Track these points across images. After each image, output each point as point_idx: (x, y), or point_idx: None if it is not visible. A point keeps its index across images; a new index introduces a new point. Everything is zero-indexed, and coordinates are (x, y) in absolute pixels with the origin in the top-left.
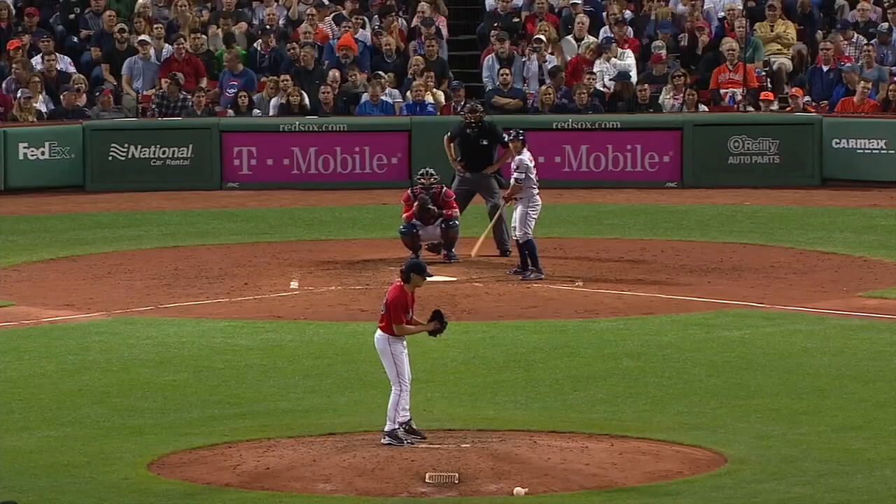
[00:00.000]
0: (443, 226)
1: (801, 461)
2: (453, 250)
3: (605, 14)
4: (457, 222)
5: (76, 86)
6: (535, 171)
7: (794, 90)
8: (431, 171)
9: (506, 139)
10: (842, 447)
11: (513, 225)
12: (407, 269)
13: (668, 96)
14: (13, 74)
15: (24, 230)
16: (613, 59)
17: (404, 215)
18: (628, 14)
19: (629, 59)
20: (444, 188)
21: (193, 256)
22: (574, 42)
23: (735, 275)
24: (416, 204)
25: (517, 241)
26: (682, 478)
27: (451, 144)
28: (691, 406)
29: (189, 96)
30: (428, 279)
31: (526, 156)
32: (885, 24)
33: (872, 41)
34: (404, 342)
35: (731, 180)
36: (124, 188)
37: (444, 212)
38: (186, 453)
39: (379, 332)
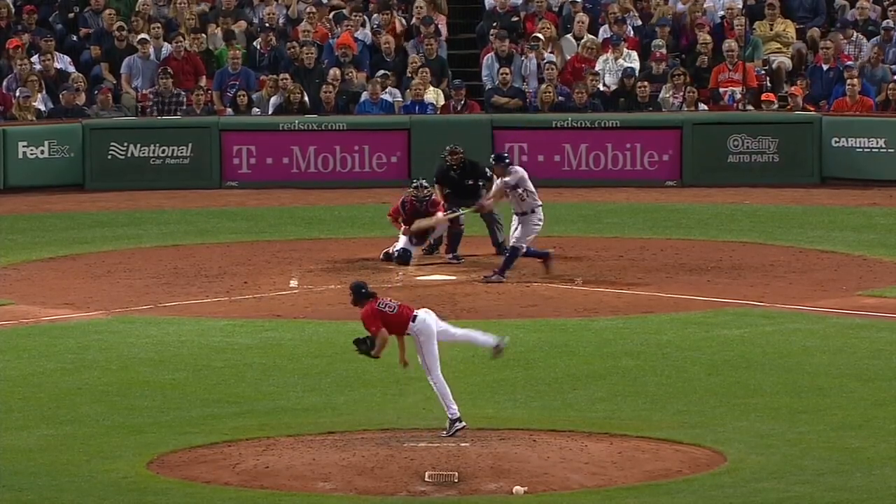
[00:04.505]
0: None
1: (800, 460)
2: (457, 251)
3: (605, 13)
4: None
5: (75, 85)
6: (528, 186)
7: (793, 89)
8: (424, 182)
9: (488, 174)
10: (841, 446)
11: (512, 229)
12: (355, 295)
13: (667, 95)
14: (16, 71)
15: (24, 229)
16: (620, 59)
17: (401, 230)
18: (637, 21)
19: (635, 63)
20: (432, 197)
21: (193, 255)
22: (574, 41)
23: (734, 273)
24: (404, 227)
25: (509, 243)
26: (682, 476)
27: (442, 189)
28: (691, 405)
29: (182, 92)
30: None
31: (514, 176)
32: (889, 22)
33: (873, 40)
34: (422, 337)
35: (730, 179)
36: (124, 187)
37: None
38: (186, 452)
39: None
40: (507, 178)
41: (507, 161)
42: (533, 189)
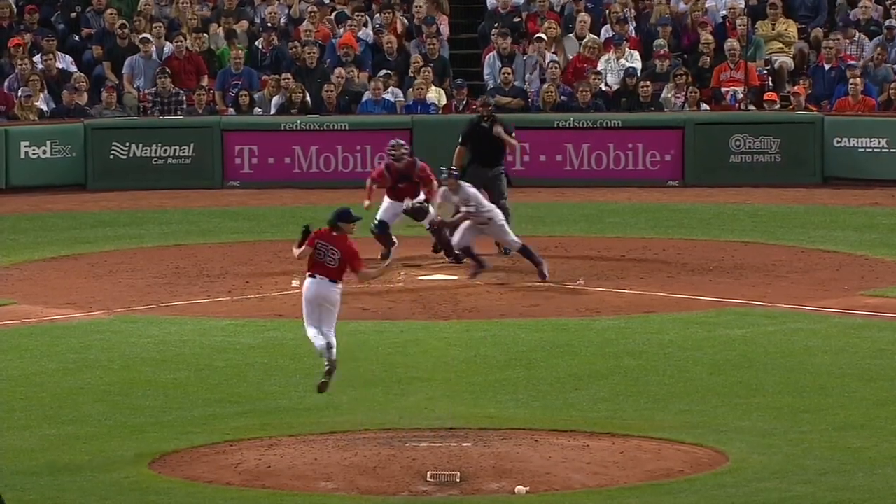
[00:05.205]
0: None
1: (802, 459)
2: (457, 252)
3: (607, 12)
4: (426, 204)
5: (77, 85)
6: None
7: (795, 88)
8: (402, 141)
9: (513, 133)
10: (843, 446)
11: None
12: (335, 216)
13: (669, 95)
14: (18, 71)
15: (26, 229)
16: (622, 59)
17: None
18: (632, 22)
19: (637, 63)
20: (419, 162)
21: (195, 255)
22: (576, 40)
23: (736, 273)
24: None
25: (518, 251)
26: (684, 476)
27: (462, 153)
28: (693, 404)
29: (182, 91)
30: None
31: (464, 192)
32: (891, 21)
33: (875, 39)
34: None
35: (732, 179)
36: (126, 187)
37: (424, 194)
38: (188, 452)
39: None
40: (450, 194)
41: (456, 177)
42: (480, 202)
